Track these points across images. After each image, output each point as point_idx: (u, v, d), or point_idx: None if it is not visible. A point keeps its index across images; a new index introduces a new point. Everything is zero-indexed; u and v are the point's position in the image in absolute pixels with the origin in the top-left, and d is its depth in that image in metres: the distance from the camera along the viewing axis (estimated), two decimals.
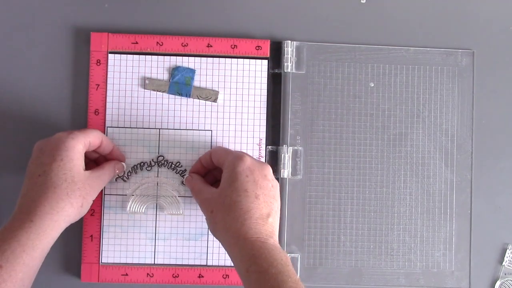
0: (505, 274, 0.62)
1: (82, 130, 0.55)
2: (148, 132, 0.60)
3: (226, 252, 0.60)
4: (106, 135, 0.59)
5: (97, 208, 0.59)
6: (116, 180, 0.60)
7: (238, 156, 0.53)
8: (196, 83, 0.61)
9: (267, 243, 0.49)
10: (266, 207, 0.51)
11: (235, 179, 0.51)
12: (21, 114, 0.60)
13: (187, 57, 0.61)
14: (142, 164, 0.60)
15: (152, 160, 0.60)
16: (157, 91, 0.60)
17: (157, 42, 0.60)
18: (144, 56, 0.60)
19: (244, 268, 0.48)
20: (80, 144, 0.53)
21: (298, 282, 0.47)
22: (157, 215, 0.60)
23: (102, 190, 0.59)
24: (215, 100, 0.61)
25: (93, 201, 0.54)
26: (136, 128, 0.60)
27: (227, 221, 0.50)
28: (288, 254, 0.54)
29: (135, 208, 0.59)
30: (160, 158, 0.60)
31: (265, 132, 0.61)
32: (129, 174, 0.60)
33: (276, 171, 0.60)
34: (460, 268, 0.61)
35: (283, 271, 0.47)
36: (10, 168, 0.60)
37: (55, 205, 0.50)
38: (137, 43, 0.60)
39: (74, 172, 0.51)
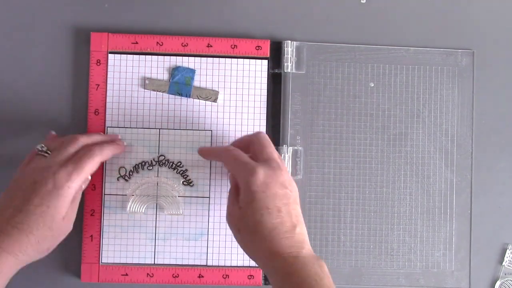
0: (505, 274, 0.62)
1: (80, 165, 0.52)
2: (148, 132, 0.60)
3: (226, 253, 0.60)
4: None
5: (97, 208, 0.59)
6: (118, 179, 0.60)
7: (250, 172, 0.49)
8: (196, 83, 0.61)
9: (299, 257, 0.47)
10: (291, 218, 0.49)
11: (253, 198, 0.49)
12: (21, 114, 0.60)
13: (187, 57, 0.61)
14: (143, 163, 0.60)
15: (153, 159, 0.60)
16: (157, 91, 0.60)
17: (157, 42, 0.60)
18: (144, 56, 0.60)
19: (277, 286, 0.47)
20: (74, 191, 0.51)
21: None
22: (157, 215, 0.60)
23: (102, 190, 0.59)
24: (215, 100, 0.61)
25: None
26: (136, 128, 0.60)
27: (256, 242, 0.49)
28: None
29: (135, 208, 0.59)
30: (161, 157, 0.60)
31: (265, 132, 0.61)
32: (130, 173, 0.60)
33: None
34: (460, 268, 0.61)
35: (317, 286, 0.45)
36: (10, 168, 0.60)
37: (24, 248, 0.49)
38: (137, 43, 0.60)
39: (53, 221, 0.50)
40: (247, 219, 0.49)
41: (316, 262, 0.47)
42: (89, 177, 0.54)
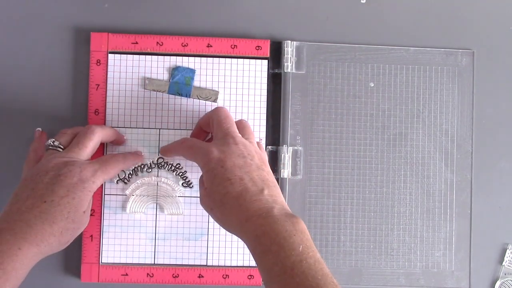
0: (505, 274, 0.62)
1: (106, 167, 0.54)
2: (148, 132, 0.60)
3: (226, 253, 0.60)
4: None
5: (97, 208, 0.59)
6: (117, 182, 0.60)
7: (205, 153, 0.51)
8: (196, 83, 0.61)
9: (268, 218, 0.46)
10: (255, 183, 0.49)
11: (214, 175, 0.50)
12: (21, 114, 0.60)
13: (187, 57, 0.61)
14: (142, 166, 0.60)
15: (152, 162, 0.60)
16: (157, 91, 0.60)
17: (157, 42, 0.60)
18: (144, 56, 0.60)
19: (252, 252, 0.47)
20: (96, 188, 0.53)
21: (303, 253, 0.44)
22: (157, 215, 0.60)
23: (102, 190, 0.59)
24: (215, 100, 0.61)
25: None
26: (136, 128, 0.60)
27: (226, 214, 0.49)
28: None
29: (135, 208, 0.59)
30: (160, 160, 0.60)
31: (265, 132, 0.61)
32: (129, 176, 0.60)
33: (276, 171, 0.61)
34: (460, 268, 0.61)
35: (285, 245, 0.45)
36: (10, 168, 0.60)
37: (46, 238, 0.49)
38: (137, 43, 0.60)
39: (77, 213, 0.51)
40: (214, 195, 0.50)
41: (289, 220, 0.46)
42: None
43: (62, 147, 0.54)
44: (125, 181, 0.60)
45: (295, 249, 0.44)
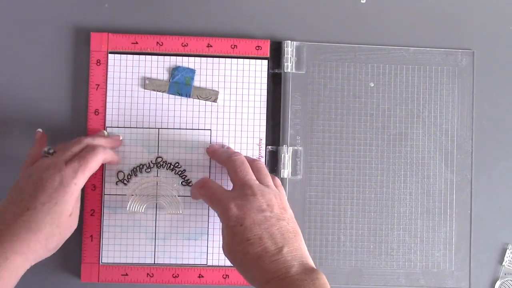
0: (505, 274, 0.62)
1: (85, 161, 0.52)
2: (148, 132, 0.60)
3: None
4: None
5: (97, 208, 0.59)
6: (116, 183, 0.60)
7: (223, 209, 0.50)
8: (196, 83, 0.61)
9: (286, 279, 0.46)
10: (275, 241, 0.49)
11: (233, 234, 0.49)
12: (21, 114, 0.60)
13: (187, 57, 0.61)
14: (141, 166, 0.60)
15: (151, 161, 0.60)
16: (157, 91, 0.60)
17: (157, 42, 0.60)
18: (144, 56, 0.60)
19: None
20: (79, 188, 0.52)
21: None
22: (157, 215, 0.60)
23: (102, 190, 0.59)
24: (215, 100, 0.61)
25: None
26: (136, 128, 0.60)
27: (247, 273, 0.49)
28: None
29: (134, 207, 0.59)
30: (159, 159, 0.60)
31: (265, 132, 0.61)
32: (129, 176, 0.60)
33: (276, 171, 0.61)
34: (460, 268, 0.61)
35: None
36: (10, 168, 0.60)
37: (32, 246, 0.49)
38: (137, 43, 0.60)
39: (61, 218, 0.50)
40: (234, 254, 0.49)
41: (309, 278, 0.46)
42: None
43: (52, 152, 0.54)
44: (125, 182, 0.60)
45: None
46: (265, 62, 0.61)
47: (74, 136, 0.60)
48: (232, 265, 0.51)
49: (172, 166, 0.60)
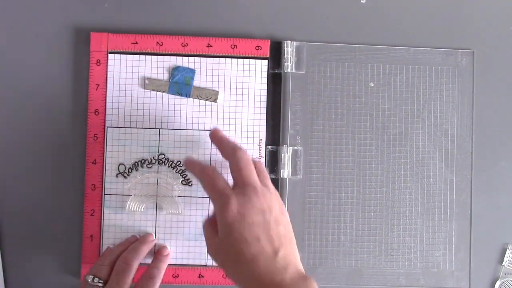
0: (505, 274, 0.62)
1: None
2: (148, 132, 0.60)
3: None
4: (106, 135, 0.60)
5: (97, 208, 0.59)
6: (117, 176, 0.60)
7: (224, 203, 0.49)
8: (196, 83, 0.61)
9: (281, 285, 0.46)
10: (272, 243, 0.48)
11: (230, 231, 0.48)
12: (20, 114, 0.60)
13: (187, 57, 0.61)
14: (143, 161, 0.60)
15: (153, 158, 0.60)
16: (157, 91, 0.60)
17: (157, 42, 0.60)
18: (144, 56, 0.60)
19: None
20: None
21: None
22: (157, 215, 0.60)
23: (102, 190, 0.59)
24: (215, 100, 0.61)
25: None
26: (136, 128, 0.60)
27: (238, 272, 0.48)
28: None
29: (134, 207, 0.59)
30: (161, 156, 0.60)
31: (265, 132, 0.61)
32: (130, 170, 0.60)
33: (276, 171, 0.61)
34: (460, 268, 0.61)
35: None
36: (10, 168, 0.60)
37: None
38: (137, 43, 0.60)
39: None
40: (227, 250, 0.48)
41: (302, 284, 0.46)
42: None
43: (102, 282, 0.54)
44: (125, 175, 0.60)
45: None
46: (265, 62, 0.61)
47: (74, 136, 0.60)
48: (216, 263, 0.50)
49: (173, 164, 0.60)
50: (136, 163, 0.60)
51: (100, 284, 0.53)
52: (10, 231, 0.60)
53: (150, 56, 0.60)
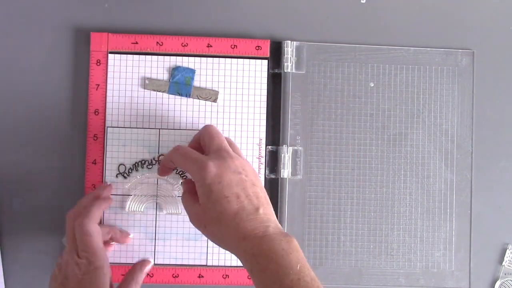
0: (505, 274, 0.62)
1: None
2: (148, 132, 0.60)
3: (226, 252, 0.60)
4: (106, 135, 0.60)
5: None
6: (116, 176, 0.60)
7: (201, 166, 0.50)
8: (196, 83, 0.61)
9: (265, 236, 0.47)
10: (251, 201, 0.49)
11: (210, 191, 0.49)
12: (21, 114, 0.60)
13: (187, 57, 0.61)
14: (143, 162, 0.60)
15: (153, 158, 0.60)
16: (157, 91, 0.60)
17: (157, 42, 0.60)
18: (144, 56, 0.60)
19: (249, 270, 0.47)
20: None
21: (301, 271, 0.45)
22: (157, 215, 0.60)
23: None
24: (215, 100, 0.61)
25: None
26: (136, 128, 0.60)
27: (222, 231, 0.49)
28: None
29: (134, 207, 0.59)
30: (161, 156, 0.60)
31: (265, 132, 0.61)
32: (130, 171, 0.60)
33: (276, 171, 0.61)
34: (460, 268, 0.61)
35: (283, 264, 0.46)
36: (10, 169, 0.60)
37: None
38: (137, 43, 0.60)
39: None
40: (209, 212, 0.49)
41: (284, 239, 0.47)
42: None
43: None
44: (125, 175, 0.60)
45: (293, 268, 0.45)
46: (265, 62, 0.61)
47: (74, 136, 0.60)
48: (200, 230, 0.51)
49: None
50: (136, 164, 0.60)
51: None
52: (10, 231, 0.60)
53: (150, 56, 0.60)
